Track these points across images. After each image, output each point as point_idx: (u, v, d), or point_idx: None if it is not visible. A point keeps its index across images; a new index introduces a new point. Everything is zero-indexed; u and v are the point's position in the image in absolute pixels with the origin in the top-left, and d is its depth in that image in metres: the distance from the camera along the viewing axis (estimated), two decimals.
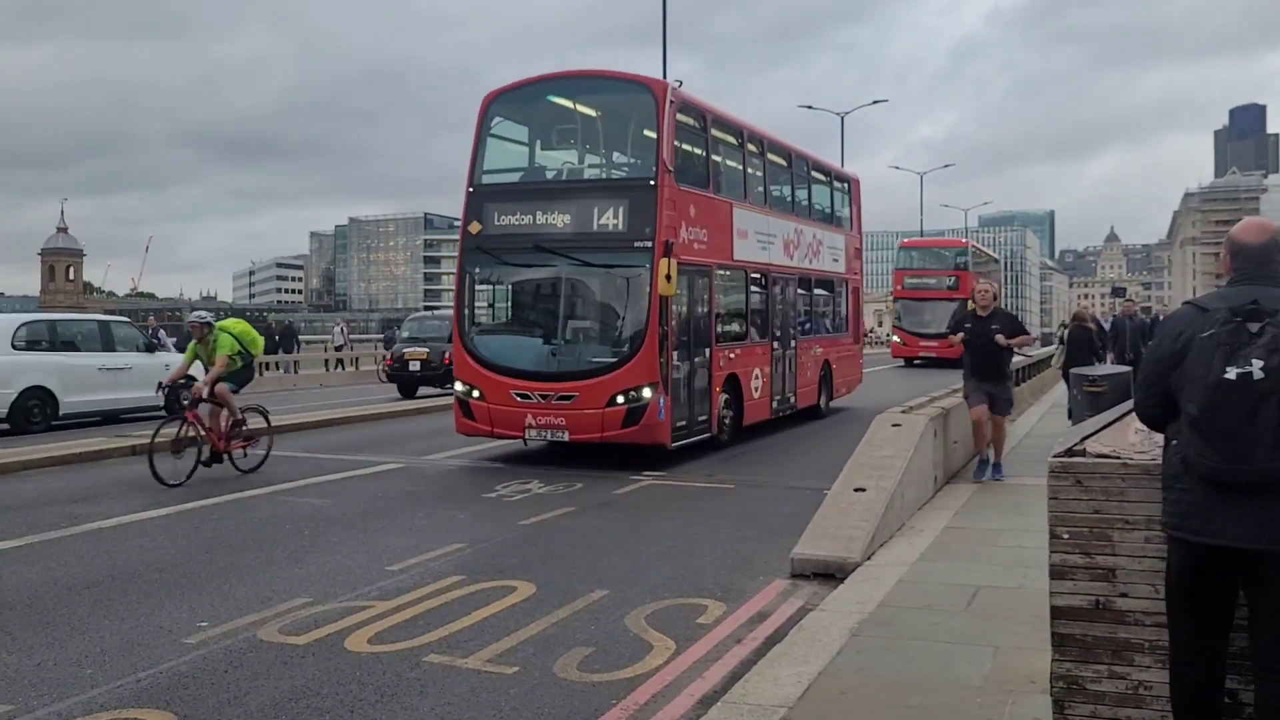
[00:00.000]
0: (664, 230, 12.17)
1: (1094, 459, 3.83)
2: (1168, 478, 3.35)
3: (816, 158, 19.95)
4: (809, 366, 18.13)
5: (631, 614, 6.26)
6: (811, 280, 18.58)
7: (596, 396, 12.19)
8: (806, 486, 10.89)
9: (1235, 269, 3.44)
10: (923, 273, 39.96)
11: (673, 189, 12.56)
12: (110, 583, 7.07)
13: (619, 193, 12.98)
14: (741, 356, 14.88)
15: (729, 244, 14.66)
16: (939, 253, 41.97)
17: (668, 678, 5.18)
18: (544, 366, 12.74)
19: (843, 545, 7.34)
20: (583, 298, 13.25)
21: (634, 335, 12.37)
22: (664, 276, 11.76)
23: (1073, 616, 3.81)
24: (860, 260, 22.08)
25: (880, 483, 8.28)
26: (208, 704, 4.83)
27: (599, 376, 12.27)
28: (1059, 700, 3.85)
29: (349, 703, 4.85)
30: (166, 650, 5.59)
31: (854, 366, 21.43)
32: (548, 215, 13.01)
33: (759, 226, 15.89)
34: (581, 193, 13.32)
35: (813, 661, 5.08)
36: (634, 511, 9.82)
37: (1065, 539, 3.82)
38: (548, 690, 5.01)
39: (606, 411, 12.14)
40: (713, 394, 13.67)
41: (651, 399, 12.07)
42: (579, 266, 12.85)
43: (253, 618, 6.16)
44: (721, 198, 14.48)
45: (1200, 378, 3.14)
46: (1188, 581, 3.32)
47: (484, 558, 7.78)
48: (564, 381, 12.43)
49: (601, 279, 13.04)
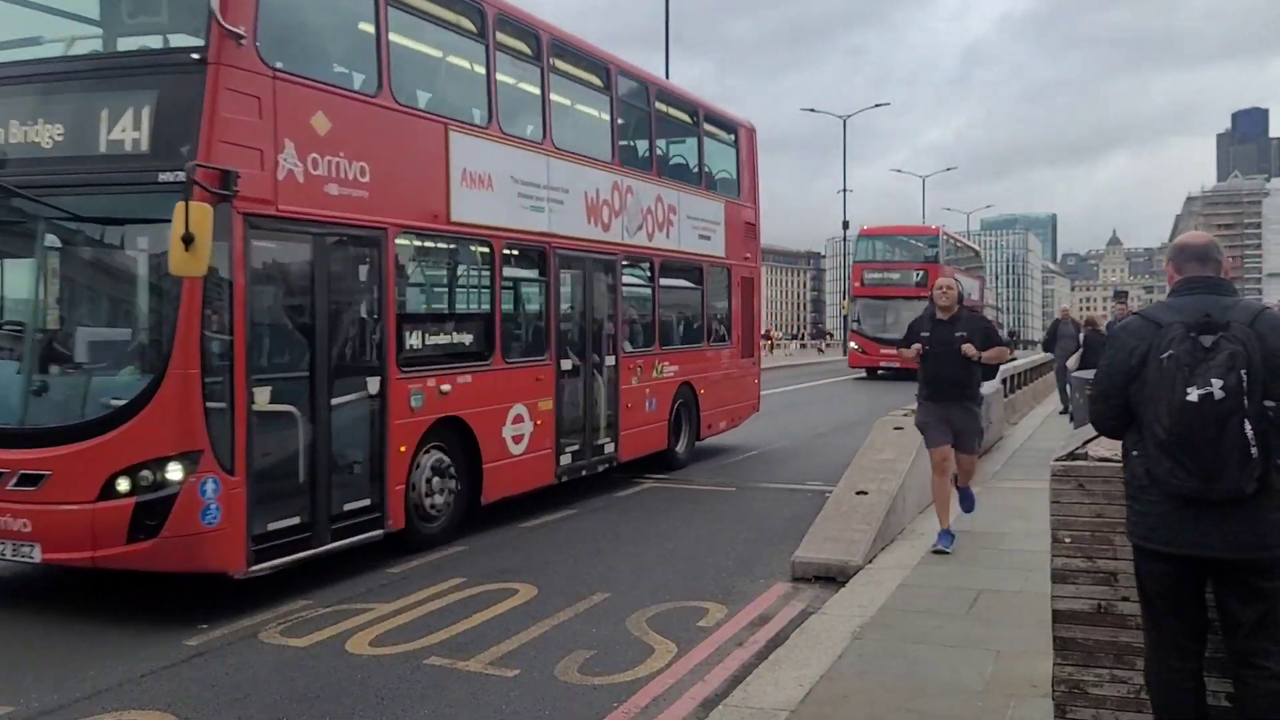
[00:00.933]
0: (212, 146, 6.27)
1: (1096, 463, 3.84)
2: (1133, 488, 3.36)
3: (667, 84, 14.60)
4: (649, 395, 11.97)
5: (633, 616, 6.26)
6: (655, 264, 12.28)
7: (79, 477, 6.14)
8: (808, 489, 10.90)
9: (1180, 271, 3.47)
10: (886, 266, 34.48)
11: (248, 70, 6.56)
12: (111, 584, 7.06)
13: (138, 79, 6.82)
14: (475, 387, 8.75)
15: (436, 192, 8.47)
16: (906, 242, 35.78)
17: (669, 680, 5.18)
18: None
19: (844, 548, 7.34)
20: (67, 281, 7.18)
21: (151, 355, 6.42)
22: (179, 238, 5.79)
23: (1074, 620, 3.81)
24: (756, 241, 15.55)
25: (882, 486, 8.28)
26: (208, 706, 4.84)
27: (83, 440, 6.21)
28: (1060, 704, 3.85)
29: (350, 705, 4.85)
30: (168, 652, 5.59)
31: (741, 388, 14.84)
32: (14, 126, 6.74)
33: (525, 172, 9.69)
34: (69, 81, 6.95)
35: (814, 665, 5.08)
36: (635, 514, 9.82)
37: (1067, 543, 3.83)
38: (549, 693, 5.01)
39: (97, 508, 6.11)
40: (388, 459, 7.62)
41: (184, 482, 6.08)
42: (61, 223, 6.89)
43: (254, 620, 6.17)
44: (414, 110, 8.43)
45: (1164, 399, 3.15)
46: (1168, 589, 3.32)
47: (484, 560, 7.78)
48: (21, 448, 6.32)
49: (98, 248, 7.12)
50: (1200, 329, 3.16)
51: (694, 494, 10.98)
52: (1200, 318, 3.19)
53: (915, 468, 8.89)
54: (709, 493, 11.06)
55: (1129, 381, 3.32)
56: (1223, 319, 3.17)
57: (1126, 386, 3.33)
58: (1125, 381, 3.33)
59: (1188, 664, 3.33)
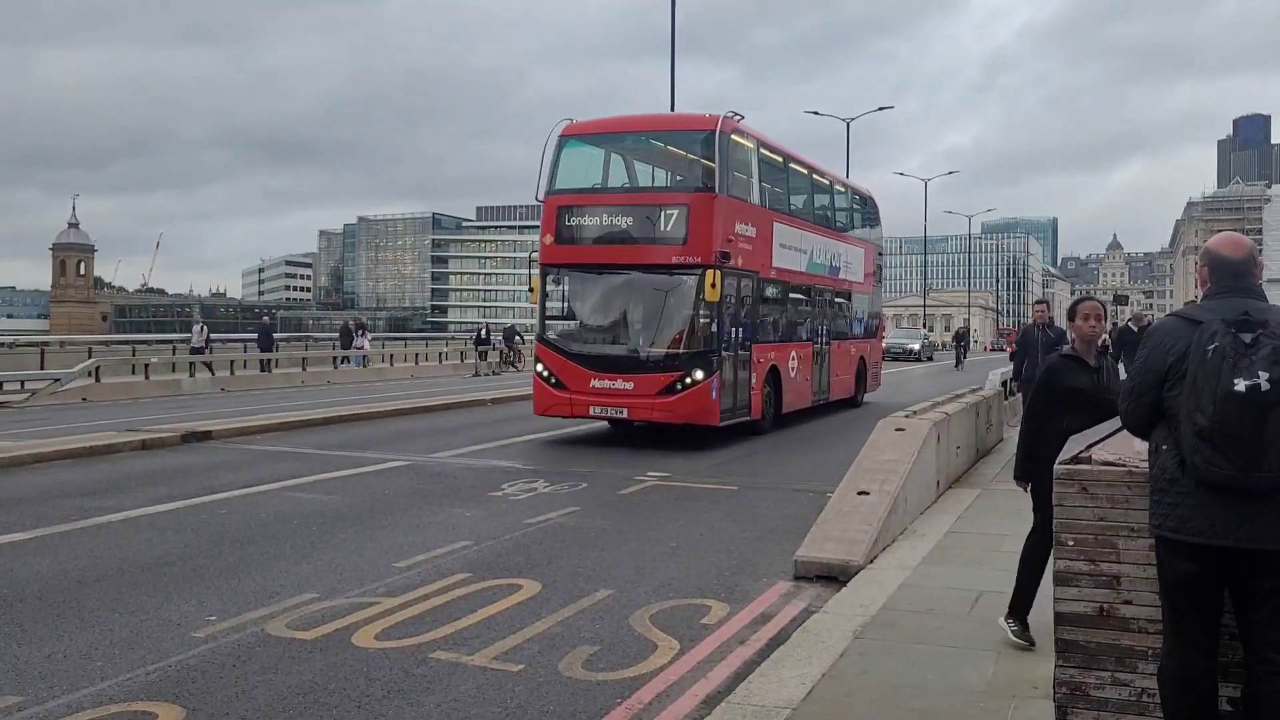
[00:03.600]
0: None
1: (1099, 467, 3.86)
2: (1163, 482, 3.39)
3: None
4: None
5: (636, 614, 6.30)
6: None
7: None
8: (810, 489, 10.94)
9: (1215, 282, 3.51)
10: (603, 199, 15.95)
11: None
12: (119, 576, 7.11)
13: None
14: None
15: None
16: (645, 144, 17.02)
17: (671, 677, 5.22)
18: None
19: (846, 548, 7.38)
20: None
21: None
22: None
23: (1076, 623, 3.84)
24: None
25: (883, 486, 8.32)
26: (216, 698, 4.87)
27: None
28: (1062, 706, 3.88)
29: (356, 698, 4.89)
30: (175, 644, 5.63)
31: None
32: None
33: None
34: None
35: (816, 664, 5.12)
36: (638, 511, 9.86)
37: (1070, 545, 3.85)
38: (552, 688, 5.05)
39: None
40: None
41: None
42: None
43: (261, 612, 6.21)
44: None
45: (1208, 390, 3.20)
46: (1194, 585, 3.34)
47: (490, 556, 7.82)
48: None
49: None
50: (1239, 326, 3.22)
51: (696, 492, 11.01)
52: (1239, 315, 3.26)
53: (916, 469, 8.93)
54: (711, 491, 11.09)
55: (1164, 379, 3.39)
56: (1260, 317, 3.25)
57: (1161, 384, 3.40)
58: (1161, 379, 3.40)
59: (1209, 663, 3.36)
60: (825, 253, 20.01)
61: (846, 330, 21.52)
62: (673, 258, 14.48)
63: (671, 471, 12.25)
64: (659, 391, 14.30)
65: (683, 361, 14.32)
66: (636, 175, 17.03)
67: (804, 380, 18.60)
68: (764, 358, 16.42)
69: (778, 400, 17.07)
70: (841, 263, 21.03)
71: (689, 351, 14.36)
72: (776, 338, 17.40)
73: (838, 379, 20.55)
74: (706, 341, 14.43)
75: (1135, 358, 3.61)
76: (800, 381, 18.36)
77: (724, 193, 14.75)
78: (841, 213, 22.19)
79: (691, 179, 15.75)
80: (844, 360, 21.05)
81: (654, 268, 14.71)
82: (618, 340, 15.01)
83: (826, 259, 20.09)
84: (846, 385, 21.25)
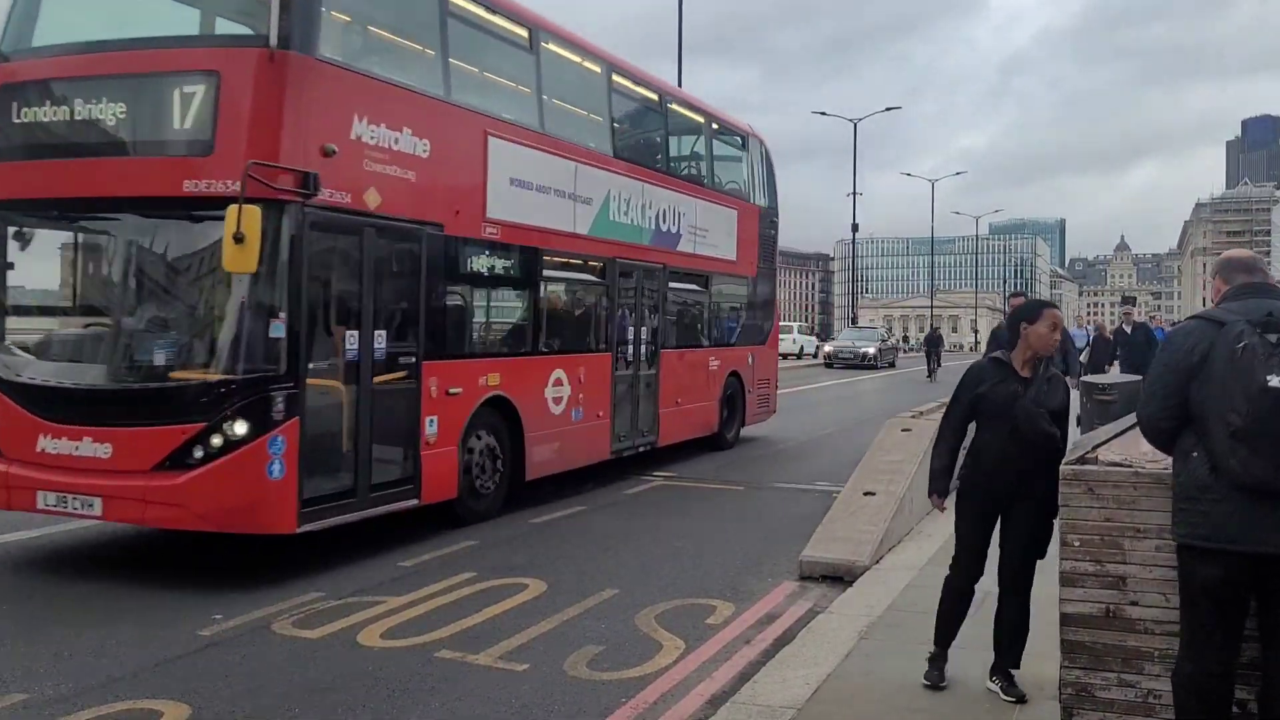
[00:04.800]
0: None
1: (1106, 467, 3.85)
2: (1192, 489, 3.30)
3: None
4: None
5: (641, 613, 6.30)
6: None
7: None
8: (815, 489, 10.93)
9: (1229, 281, 3.50)
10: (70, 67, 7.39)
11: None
12: (126, 574, 7.13)
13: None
14: None
15: None
16: None
17: (677, 677, 5.22)
18: None
19: (851, 548, 7.38)
20: None
21: None
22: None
23: (1082, 624, 3.83)
24: None
25: (889, 487, 8.31)
26: (222, 695, 4.88)
27: None
28: (1068, 707, 3.87)
29: (361, 696, 4.90)
30: (181, 641, 5.64)
31: None
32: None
33: None
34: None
35: (821, 664, 5.11)
36: (644, 511, 9.87)
37: (1076, 546, 3.84)
38: (558, 688, 5.05)
39: None
40: None
41: None
42: None
43: (267, 611, 6.21)
44: None
45: (1239, 388, 3.14)
46: (1222, 593, 3.28)
47: (495, 555, 7.83)
48: None
49: None
50: (1264, 326, 3.19)
51: (702, 492, 11.02)
52: (1263, 315, 3.22)
53: (922, 469, 8.90)
54: (717, 491, 11.10)
55: (1189, 380, 3.30)
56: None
57: (1187, 385, 3.31)
58: (1185, 380, 3.31)
59: (1228, 669, 3.32)
60: (643, 208, 12.01)
61: (701, 333, 13.99)
62: (185, 182, 6.75)
63: (678, 472, 12.24)
64: (156, 465, 6.64)
65: (204, 400, 6.67)
66: None
67: (586, 418, 10.68)
68: (462, 382, 8.58)
69: (515, 458, 9.44)
70: (684, 228, 13.05)
71: (222, 379, 6.68)
72: (505, 346, 9.97)
73: (677, 410, 12.76)
74: (266, 355, 6.69)
75: (1152, 363, 3.57)
76: (571, 421, 10.39)
77: (308, 49, 6.96)
78: (689, 153, 14.66)
79: (243, 20, 7.83)
80: (694, 379, 13.41)
81: (155, 204, 7.00)
82: (87, 356, 7.43)
83: (648, 219, 12.15)
84: (701, 417, 13.63)
